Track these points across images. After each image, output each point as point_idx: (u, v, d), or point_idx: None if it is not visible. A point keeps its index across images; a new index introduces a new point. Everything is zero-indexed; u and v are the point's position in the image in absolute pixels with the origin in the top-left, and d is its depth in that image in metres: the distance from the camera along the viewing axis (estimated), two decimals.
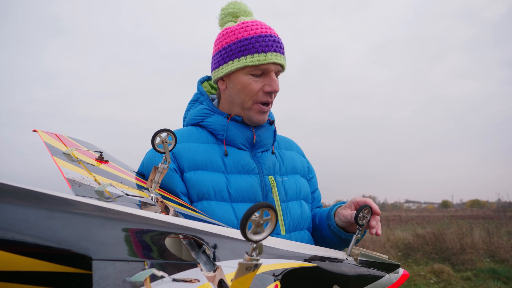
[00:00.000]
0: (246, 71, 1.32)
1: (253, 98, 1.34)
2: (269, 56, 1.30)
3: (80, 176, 0.98)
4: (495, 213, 15.40)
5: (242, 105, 1.37)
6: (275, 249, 0.97)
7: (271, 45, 1.31)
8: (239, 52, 1.32)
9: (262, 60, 1.29)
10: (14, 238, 0.57)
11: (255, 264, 0.59)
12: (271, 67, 1.32)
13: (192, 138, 1.37)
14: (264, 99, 1.34)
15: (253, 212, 0.53)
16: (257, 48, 1.30)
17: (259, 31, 1.33)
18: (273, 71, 1.33)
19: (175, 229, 0.81)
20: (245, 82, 1.33)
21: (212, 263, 0.74)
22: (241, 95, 1.35)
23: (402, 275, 1.31)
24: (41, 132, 1.22)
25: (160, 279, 0.57)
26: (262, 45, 1.30)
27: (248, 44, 1.31)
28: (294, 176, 1.48)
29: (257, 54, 1.30)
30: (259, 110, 1.36)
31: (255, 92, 1.33)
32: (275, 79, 1.34)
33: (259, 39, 1.31)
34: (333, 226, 1.36)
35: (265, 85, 1.33)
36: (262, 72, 1.33)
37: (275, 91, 1.34)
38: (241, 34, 1.33)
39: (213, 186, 1.27)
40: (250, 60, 1.30)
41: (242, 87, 1.34)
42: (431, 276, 7.24)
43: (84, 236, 0.63)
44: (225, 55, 1.36)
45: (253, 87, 1.33)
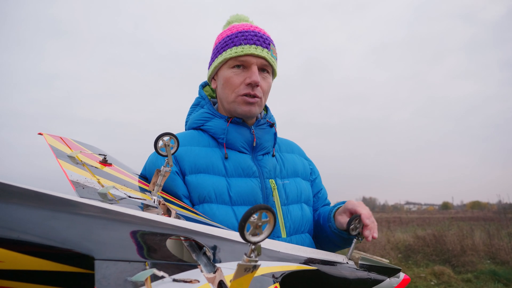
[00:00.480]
0: (228, 65, 1.38)
1: (236, 91, 1.37)
2: (247, 48, 1.34)
3: (84, 178, 1.00)
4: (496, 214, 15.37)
5: (227, 99, 1.40)
6: (275, 252, 0.98)
7: (250, 38, 1.36)
8: (221, 49, 1.40)
9: (239, 52, 1.34)
10: (19, 237, 0.59)
11: (253, 265, 0.60)
12: (251, 59, 1.35)
13: (194, 141, 1.39)
14: (245, 91, 1.36)
15: (251, 214, 0.55)
16: (235, 41, 1.36)
17: (241, 28, 1.39)
18: (254, 63, 1.36)
19: (176, 231, 0.82)
20: (227, 76, 1.38)
21: (212, 265, 0.75)
22: (225, 89, 1.40)
23: (403, 280, 1.31)
24: (46, 135, 1.24)
25: (161, 279, 0.58)
26: (241, 38, 1.36)
27: (229, 40, 1.38)
28: (295, 179, 1.49)
29: (235, 47, 1.36)
30: (243, 101, 1.37)
31: (237, 85, 1.37)
32: (256, 72, 1.35)
33: (239, 34, 1.38)
34: (334, 228, 1.37)
35: (246, 78, 1.36)
36: (243, 65, 1.36)
37: (254, 82, 1.34)
38: (225, 33, 1.42)
39: (214, 189, 1.28)
40: (229, 53, 1.36)
41: (225, 81, 1.39)
42: (431, 278, 7.24)
43: (87, 237, 0.65)
44: (213, 54, 1.46)
45: (234, 80, 1.37)
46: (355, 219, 1.20)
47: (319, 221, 1.49)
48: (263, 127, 1.47)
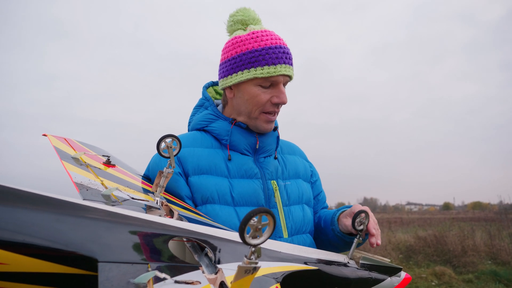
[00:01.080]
0: (255, 83, 1.34)
1: (260, 108, 1.36)
2: (279, 68, 1.31)
3: (88, 180, 1.01)
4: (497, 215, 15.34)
5: (249, 114, 1.39)
6: (277, 252, 0.99)
7: (280, 57, 1.32)
8: (249, 64, 1.33)
9: (272, 73, 1.30)
10: (24, 240, 0.60)
11: (253, 267, 0.61)
12: (280, 78, 1.33)
13: (197, 143, 1.40)
14: (271, 109, 1.37)
15: (251, 217, 0.55)
16: (267, 60, 1.31)
17: (269, 42, 1.33)
18: (282, 82, 1.35)
19: (178, 232, 0.83)
20: (253, 93, 1.35)
21: (214, 266, 0.76)
22: (249, 105, 1.37)
23: (404, 279, 1.31)
24: (50, 136, 1.25)
25: (163, 281, 0.60)
26: (272, 57, 1.31)
27: (259, 55, 1.32)
28: (296, 181, 1.51)
29: (267, 66, 1.31)
30: (266, 120, 1.39)
31: (263, 103, 1.35)
32: (284, 91, 1.36)
33: (269, 50, 1.32)
34: (337, 231, 1.38)
35: (273, 96, 1.35)
36: (271, 84, 1.34)
37: (283, 103, 1.36)
38: (251, 44, 1.34)
39: (216, 190, 1.29)
40: (260, 72, 1.31)
41: (250, 98, 1.36)
42: (432, 278, 7.23)
43: (91, 239, 0.66)
44: (235, 65, 1.36)
45: (262, 98, 1.35)
46: (360, 214, 1.21)
47: (320, 224, 1.50)
48: None
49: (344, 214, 1.37)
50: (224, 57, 1.43)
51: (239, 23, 1.43)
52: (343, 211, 1.41)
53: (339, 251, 1.45)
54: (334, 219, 1.42)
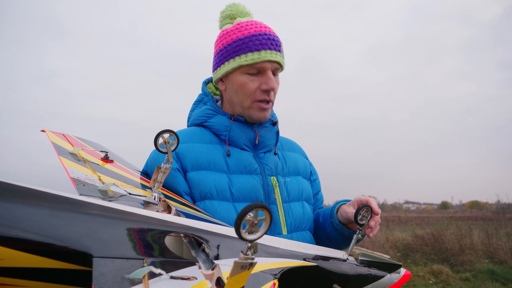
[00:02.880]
0: (242, 71, 1.34)
1: (251, 97, 1.36)
2: (263, 54, 1.31)
3: (85, 175, 1.00)
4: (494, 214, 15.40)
5: (241, 104, 1.39)
6: (275, 248, 0.99)
7: (265, 43, 1.32)
8: (234, 53, 1.33)
9: (256, 59, 1.30)
10: (18, 235, 0.60)
11: (250, 263, 0.61)
12: (267, 65, 1.32)
13: (196, 138, 1.39)
14: (261, 97, 1.36)
15: (247, 212, 0.55)
16: (250, 47, 1.31)
17: (253, 30, 1.34)
18: (269, 69, 1.34)
19: (175, 228, 0.83)
20: (241, 82, 1.35)
21: (211, 261, 0.76)
22: (239, 94, 1.37)
23: (404, 275, 1.31)
24: (49, 132, 1.24)
25: (158, 277, 0.59)
26: (256, 43, 1.31)
27: (242, 44, 1.32)
28: (296, 178, 1.50)
29: (250, 53, 1.31)
30: (258, 108, 1.37)
31: (253, 91, 1.35)
32: (272, 77, 1.35)
33: (253, 38, 1.32)
34: (336, 223, 1.37)
35: (261, 83, 1.34)
36: (258, 71, 1.34)
37: (271, 89, 1.34)
38: (236, 34, 1.35)
39: (215, 185, 1.28)
40: (244, 60, 1.31)
41: (239, 87, 1.36)
42: (429, 277, 7.26)
43: (86, 234, 0.65)
44: (222, 56, 1.38)
45: (250, 86, 1.34)
46: (363, 208, 1.20)
47: (318, 220, 1.49)
48: (266, 125, 1.47)
49: (348, 203, 1.36)
50: (214, 51, 1.45)
51: (228, 18, 1.45)
52: (343, 203, 1.41)
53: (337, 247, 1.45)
54: (333, 211, 1.41)
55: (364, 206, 1.20)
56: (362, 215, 1.20)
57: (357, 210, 1.19)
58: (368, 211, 1.21)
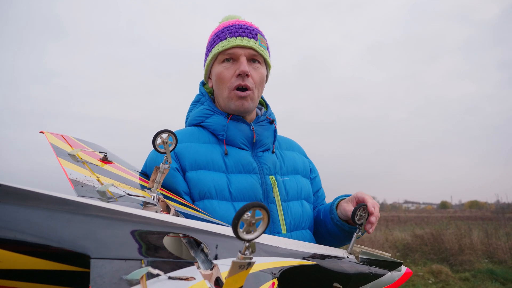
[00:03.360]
0: (218, 61, 1.41)
1: (228, 85, 1.38)
2: (233, 40, 1.37)
3: (84, 176, 1.00)
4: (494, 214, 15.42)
5: (222, 95, 1.42)
6: (274, 247, 0.99)
7: (235, 31, 1.38)
8: (210, 46, 1.44)
9: (226, 45, 1.37)
10: (16, 237, 0.60)
11: (248, 263, 0.61)
12: (238, 51, 1.37)
13: (194, 138, 1.39)
14: (236, 83, 1.37)
15: (244, 212, 0.55)
16: (221, 36, 1.39)
17: (227, 24, 1.42)
18: (242, 54, 1.37)
19: (173, 228, 0.82)
20: (218, 72, 1.40)
21: (210, 261, 0.75)
22: (219, 85, 1.41)
23: (405, 273, 1.31)
24: (47, 133, 1.24)
25: (156, 277, 0.59)
26: (226, 33, 1.39)
27: (216, 36, 1.42)
28: (295, 176, 1.50)
29: (221, 41, 1.38)
30: (235, 96, 1.38)
31: (228, 78, 1.38)
32: (244, 62, 1.37)
33: (225, 29, 1.40)
34: (336, 219, 1.37)
35: (236, 70, 1.37)
36: (232, 58, 1.38)
37: (243, 72, 1.35)
38: (213, 32, 1.46)
39: (214, 185, 1.29)
40: (216, 49, 1.39)
41: (217, 78, 1.41)
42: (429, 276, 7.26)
43: (83, 236, 0.65)
44: (205, 55, 1.49)
45: (225, 74, 1.38)
46: (361, 208, 1.20)
47: (319, 216, 1.49)
48: (263, 124, 1.48)
49: (347, 199, 1.36)
50: None
51: None
52: (342, 198, 1.41)
53: (339, 243, 1.44)
54: (333, 207, 1.41)
55: (360, 205, 1.20)
56: (360, 215, 1.20)
57: (354, 210, 1.19)
58: (365, 210, 1.21)
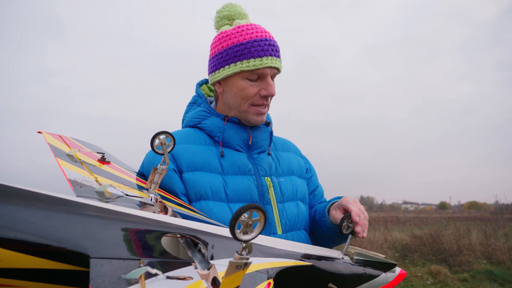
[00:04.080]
0: (242, 76, 1.35)
1: (249, 101, 1.37)
2: (265, 60, 1.32)
3: (82, 177, 1.01)
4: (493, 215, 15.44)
5: (238, 108, 1.40)
6: (270, 248, 0.99)
7: (266, 49, 1.33)
8: (235, 57, 1.34)
9: (258, 65, 1.31)
10: (16, 237, 0.60)
11: (244, 263, 0.62)
12: (267, 71, 1.34)
13: (190, 139, 1.40)
14: (259, 102, 1.38)
15: (241, 213, 0.56)
16: (252, 53, 1.32)
17: (254, 35, 1.34)
18: (269, 75, 1.36)
19: (171, 229, 0.83)
20: (241, 87, 1.36)
21: (207, 261, 0.76)
22: (238, 98, 1.38)
23: (399, 274, 1.32)
24: (45, 133, 1.25)
25: (154, 277, 0.60)
26: (258, 49, 1.32)
27: (244, 49, 1.33)
28: (290, 177, 1.51)
29: (253, 59, 1.32)
30: (256, 112, 1.39)
31: (251, 96, 1.36)
32: (271, 83, 1.37)
33: (255, 43, 1.33)
34: (328, 223, 1.38)
35: (261, 89, 1.36)
36: (258, 76, 1.35)
37: (271, 95, 1.37)
38: (237, 38, 1.35)
39: (210, 186, 1.29)
40: (246, 65, 1.32)
41: (238, 91, 1.37)
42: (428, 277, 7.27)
43: (83, 235, 0.66)
44: (222, 59, 1.38)
45: (249, 91, 1.36)
46: (346, 218, 1.21)
47: (315, 217, 1.50)
48: (259, 126, 1.48)
49: (333, 206, 1.37)
50: (211, 52, 1.45)
51: (225, 19, 1.45)
52: (333, 202, 1.42)
53: (335, 243, 1.45)
54: (324, 211, 1.42)
55: (345, 216, 1.21)
56: (346, 226, 1.21)
57: (341, 222, 1.20)
58: (351, 220, 1.22)
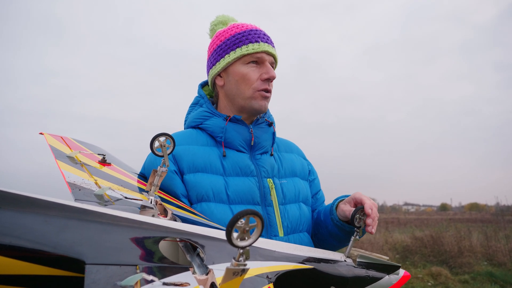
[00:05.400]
0: (243, 61, 1.41)
1: (253, 86, 1.40)
2: (262, 45, 1.40)
3: (81, 179, 1.00)
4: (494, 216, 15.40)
5: (242, 95, 1.42)
6: (271, 251, 0.98)
7: (262, 37, 1.42)
8: (234, 45, 1.41)
9: (256, 48, 1.39)
10: (11, 243, 0.60)
11: (242, 269, 0.61)
12: (265, 56, 1.41)
13: (192, 140, 1.40)
14: (262, 86, 1.40)
15: (238, 219, 0.55)
16: (250, 39, 1.40)
17: (249, 27, 1.45)
18: (267, 60, 1.42)
19: (169, 233, 0.82)
20: (243, 72, 1.40)
21: (205, 266, 0.75)
22: (241, 85, 1.41)
23: (403, 276, 1.30)
24: (47, 135, 1.24)
25: (150, 283, 0.58)
26: (255, 36, 1.41)
27: (242, 36, 1.41)
28: (293, 179, 1.50)
29: (251, 43, 1.40)
30: (260, 96, 1.41)
31: (254, 80, 1.40)
32: (271, 67, 1.42)
33: (251, 32, 1.42)
34: (336, 220, 1.37)
35: (262, 73, 1.40)
36: (257, 61, 1.41)
37: (272, 77, 1.41)
38: (233, 31, 1.44)
39: (212, 188, 1.29)
40: (245, 49, 1.39)
41: (240, 78, 1.41)
42: (428, 279, 7.25)
43: (79, 241, 0.65)
44: (221, 51, 1.44)
45: (251, 75, 1.40)
46: (359, 211, 1.20)
47: (319, 217, 1.49)
48: (262, 126, 1.48)
49: (345, 200, 1.36)
50: (209, 52, 1.51)
51: (220, 24, 1.55)
52: (341, 199, 1.41)
53: (340, 244, 1.44)
54: (332, 208, 1.41)
55: (358, 208, 1.20)
56: (359, 218, 1.20)
57: (353, 214, 1.19)
58: (364, 212, 1.21)
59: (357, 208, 1.21)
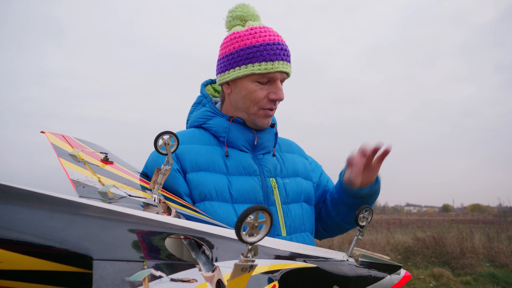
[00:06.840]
0: (253, 78, 1.34)
1: (258, 104, 1.37)
2: (276, 64, 1.31)
3: (85, 177, 1.00)
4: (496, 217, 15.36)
5: (246, 110, 1.39)
6: (274, 250, 0.98)
7: (278, 53, 1.32)
8: (247, 59, 1.33)
9: (269, 69, 1.31)
10: (18, 238, 0.59)
11: (250, 265, 0.61)
12: (277, 75, 1.34)
13: (195, 140, 1.40)
14: (268, 106, 1.37)
15: (247, 215, 0.55)
16: (264, 56, 1.31)
17: (267, 39, 1.33)
18: (279, 79, 1.35)
19: (175, 230, 0.82)
20: (250, 89, 1.35)
21: (211, 263, 0.75)
22: (246, 101, 1.37)
23: (404, 276, 1.30)
24: (48, 133, 1.24)
25: (159, 279, 0.59)
26: (270, 53, 1.31)
27: (256, 51, 1.32)
28: (295, 179, 1.50)
29: (264, 62, 1.31)
30: (264, 115, 1.39)
31: (260, 99, 1.36)
32: (281, 88, 1.37)
33: (267, 47, 1.32)
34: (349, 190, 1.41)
35: (270, 92, 1.35)
36: (268, 80, 1.35)
37: (280, 99, 1.37)
38: (249, 40, 1.34)
39: (215, 187, 1.29)
40: (257, 68, 1.31)
41: (247, 93, 1.36)
42: (430, 280, 7.23)
43: (85, 237, 0.65)
44: (232, 60, 1.36)
45: (259, 94, 1.35)
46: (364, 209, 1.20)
47: (333, 196, 1.51)
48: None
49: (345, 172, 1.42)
50: (222, 52, 1.43)
51: (237, 19, 1.43)
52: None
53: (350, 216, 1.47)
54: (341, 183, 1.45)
55: (363, 208, 1.20)
56: (363, 216, 1.20)
57: (358, 211, 1.19)
58: (370, 212, 1.20)
59: (361, 207, 1.20)
